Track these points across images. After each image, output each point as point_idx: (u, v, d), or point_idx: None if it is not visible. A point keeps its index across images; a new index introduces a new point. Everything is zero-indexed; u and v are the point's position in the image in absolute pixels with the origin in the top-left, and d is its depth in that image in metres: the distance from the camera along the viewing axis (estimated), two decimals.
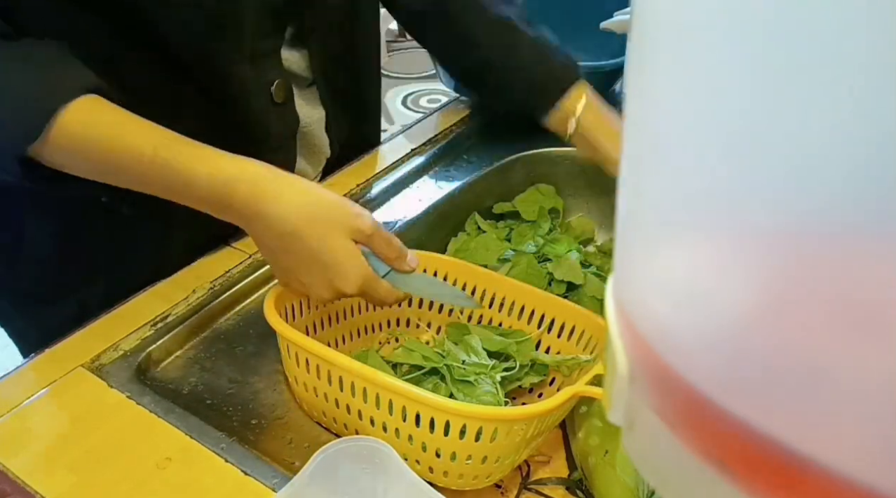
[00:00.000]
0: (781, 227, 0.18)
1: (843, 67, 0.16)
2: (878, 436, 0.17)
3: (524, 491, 0.64)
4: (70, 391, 0.65)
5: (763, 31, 0.17)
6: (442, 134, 1.01)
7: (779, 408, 0.19)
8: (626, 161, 0.23)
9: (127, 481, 0.58)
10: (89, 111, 0.62)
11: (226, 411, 0.68)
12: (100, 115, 0.62)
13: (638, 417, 0.24)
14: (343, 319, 0.74)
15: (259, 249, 0.66)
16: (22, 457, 0.60)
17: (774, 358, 0.19)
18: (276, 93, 0.78)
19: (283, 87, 0.79)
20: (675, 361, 0.21)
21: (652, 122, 0.21)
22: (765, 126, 0.18)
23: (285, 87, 0.79)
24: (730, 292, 0.20)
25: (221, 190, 0.62)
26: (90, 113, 0.62)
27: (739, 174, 0.19)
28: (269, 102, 0.78)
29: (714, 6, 0.18)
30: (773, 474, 0.19)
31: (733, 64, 0.18)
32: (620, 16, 1.01)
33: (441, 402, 0.56)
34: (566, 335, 0.72)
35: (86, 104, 0.62)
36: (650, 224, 0.22)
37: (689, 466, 0.21)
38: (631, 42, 0.22)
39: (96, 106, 0.62)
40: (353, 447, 0.55)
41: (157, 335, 0.71)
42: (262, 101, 0.77)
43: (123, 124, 0.63)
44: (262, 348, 0.73)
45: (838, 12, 0.16)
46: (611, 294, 0.25)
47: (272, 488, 0.57)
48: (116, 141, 0.62)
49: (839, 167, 0.17)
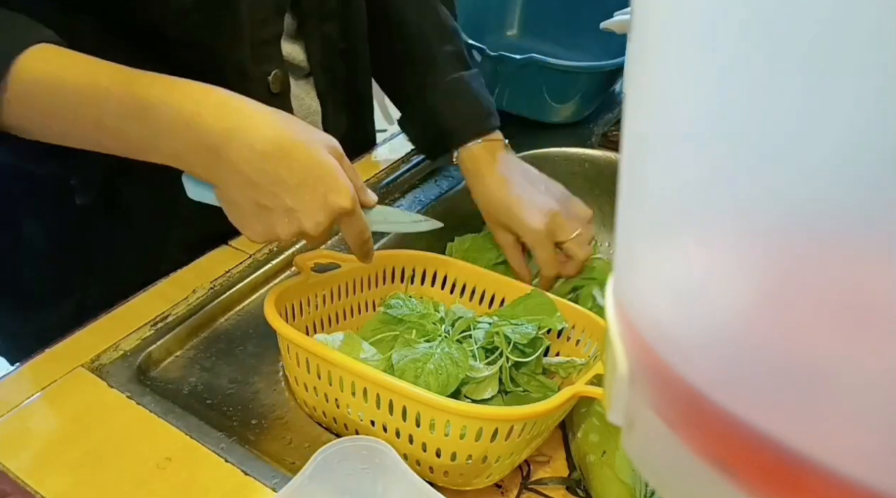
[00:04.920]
0: (781, 226, 0.18)
1: (842, 67, 0.16)
2: (878, 435, 0.17)
3: (524, 491, 0.64)
4: (70, 391, 0.65)
5: (763, 30, 0.17)
6: None
7: (779, 407, 0.19)
8: (626, 161, 0.23)
9: (127, 481, 0.58)
10: (43, 57, 0.59)
11: (226, 411, 0.68)
12: (55, 58, 0.59)
13: (638, 417, 0.24)
14: (343, 319, 0.74)
15: (229, 193, 0.59)
16: (22, 457, 0.60)
17: (774, 357, 0.19)
18: (273, 83, 0.78)
19: (280, 78, 0.78)
20: (675, 361, 0.21)
21: (651, 121, 0.21)
22: (764, 125, 0.18)
23: (282, 78, 0.79)
24: (729, 292, 0.20)
25: (189, 110, 0.56)
26: (44, 58, 0.59)
27: (739, 174, 0.19)
28: (266, 92, 0.77)
29: (714, 6, 0.18)
30: (773, 474, 0.19)
31: (733, 64, 0.18)
32: (620, 16, 1.01)
33: (441, 402, 0.56)
34: (565, 337, 0.72)
35: (41, 51, 0.59)
36: (650, 224, 0.22)
37: (689, 466, 0.21)
38: (631, 42, 0.22)
39: (51, 51, 0.59)
40: (353, 447, 0.55)
41: (157, 335, 0.71)
42: (259, 91, 0.77)
43: (79, 63, 0.59)
44: (262, 348, 0.73)
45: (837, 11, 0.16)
46: (611, 294, 0.25)
47: (272, 488, 0.57)
48: (72, 76, 0.58)
49: (838, 166, 0.17)
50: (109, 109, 0.58)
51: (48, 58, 0.59)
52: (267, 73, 0.77)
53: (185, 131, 0.57)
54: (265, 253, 0.80)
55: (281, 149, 0.57)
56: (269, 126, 0.57)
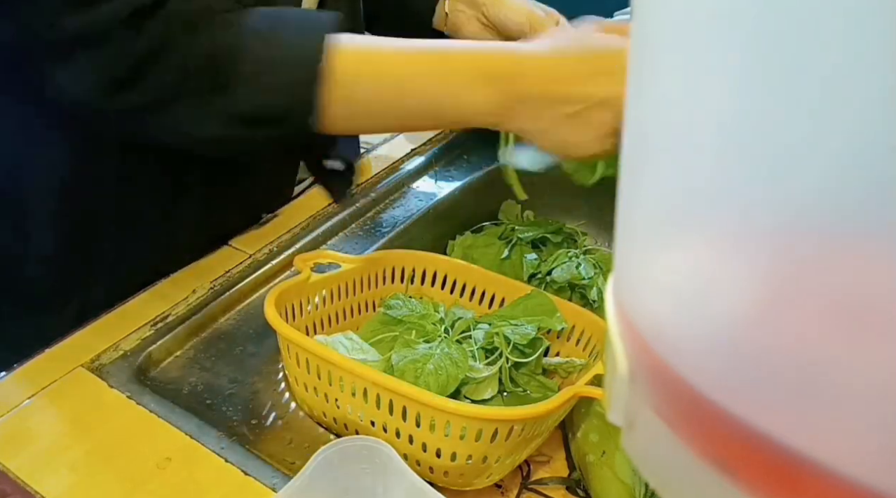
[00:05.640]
0: (780, 226, 0.18)
1: (841, 69, 0.16)
2: (878, 435, 0.17)
3: (524, 491, 0.64)
4: (70, 391, 0.65)
5: (762, 31, 0.17)
6: (442, 134, 1.01)
7: (779, 407, 0.19)
8: (626, 161, 0.23)
9: (127, 481, 0.58)
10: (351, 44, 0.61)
11: (226, 411, 0.68)
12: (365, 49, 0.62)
13: (638, 417, 0.24)
14: (343, 319, 0.74)
15: (538, 125, 0.62)
16: (22, 457, 0.60)
17: (774, 357, 0.19)
18: None
19: None
20: (675, 361, 0.21)
21: (651, 121, 0.22)
22: (766, 128, 0.18)
23: None
24: (730, 292, 0.20)
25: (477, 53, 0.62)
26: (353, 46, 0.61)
27: (738, 174, 0.19)
28: None
29: (714, 6, 0.18)
30: (773, 474, 0.19)
31: (733, 64, 0.18)
32: (620, 16, 1.01)
33: (441, 402, 0.56)
34: (565, 337, 0.72)
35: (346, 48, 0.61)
36: (649, 224, 0.22)
37: (689, 466, 0.21)
38: (631, 42, 0.22)
39: (355, 48, 0.62)
40: (353, 447, 0.55)
41: (157, 335, 0.71)
42: None
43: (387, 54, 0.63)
44: (262, 348, 0.73)
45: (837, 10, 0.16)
46: (611, 294, 0.25)
47: (272, 488, 0.57)
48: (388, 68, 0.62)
49: (840, 169, 0.17)
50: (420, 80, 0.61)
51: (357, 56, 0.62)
52: None
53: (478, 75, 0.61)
54: (265, 253, 0.80)
55: (559, 50, 0.60)
56: (540, 44, 0.61)
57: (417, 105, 0.62)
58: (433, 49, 0.63)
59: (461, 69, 0.61)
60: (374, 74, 0.62)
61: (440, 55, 0.62)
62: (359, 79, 0.61)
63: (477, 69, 0.61)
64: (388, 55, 0.62)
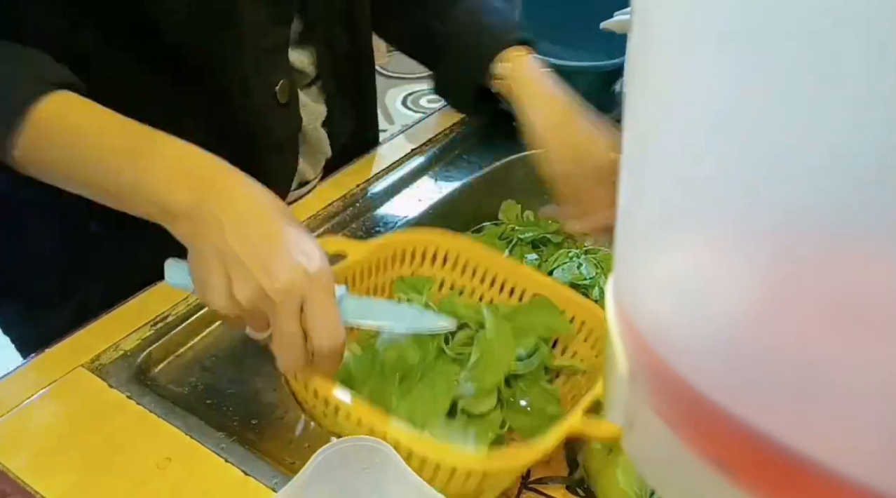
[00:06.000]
0: (780, 226, 0.18)
1: (841, 69, 0.16)
2: (878, 435, 0.17)
3: (524, 491, 0.64)
4: (70, 391, 0.65)
5: (762, 31, 0.17)
6: (442, 134, 1.01)
7: (778, 407, 0.19)
8: (626, 161, 0.23)
9: (127, 481, 0.58)
10: (61, 107, 0.60)
11: (226, 411, 0.68)
12: (73, 108, 0.60)
13: (638, 417, 0.24)
14: None
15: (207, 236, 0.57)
16: (22, 457, 0.60)
17: (774, 357, 0.19)
18: (280, 93, 0.77)
19: (288, 88, 0.78)
20: (675, 361, 0.21)
21: (651, 121, 0.21)
22: (765, 127, 0.18)
23: (290, 87, 0.79)
24: (730, 292, 0.20)
25: None
26: (62, 109, 0.60)
27: (738, 174, 0.19)
28: (273, 103, 0.77)
29: (714, 6, 0.18)
30: (773, 474, 0.19)
31: (732, 64, 0.18)
32: (620, 16, 1.01)
33: (425, 449, 0.55)
34: (574, 331, 0.71)
35: (59, 99, 0.60)
36: (649, 224, 0.22)
37: (689, 466, 0.21)
38: (631, 42, 0.22)
39: (68, 101, 0.61)
40: (353, 448, 0.55)
41: (157, 335, 0.71)
42: (266, 102, 0.77)
43: (95, 117, 0.61)
44: (262, 348, 0.73)
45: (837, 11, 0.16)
46: (611, 294, 0.25)
47: (272, 488, 0.57)
48: (86, 133, 0.60)
49: (840, 168, 0.17)
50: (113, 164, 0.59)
51: (66, 109, 0.60)
52: (274, 83, 0.76)
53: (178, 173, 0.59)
54: None
55: (274, 209, 0.58)
56: (264, 193, 0.59)
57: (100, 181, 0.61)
58: None
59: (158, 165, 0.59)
60: (63, 145, 0.60)
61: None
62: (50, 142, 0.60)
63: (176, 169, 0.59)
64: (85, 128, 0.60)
